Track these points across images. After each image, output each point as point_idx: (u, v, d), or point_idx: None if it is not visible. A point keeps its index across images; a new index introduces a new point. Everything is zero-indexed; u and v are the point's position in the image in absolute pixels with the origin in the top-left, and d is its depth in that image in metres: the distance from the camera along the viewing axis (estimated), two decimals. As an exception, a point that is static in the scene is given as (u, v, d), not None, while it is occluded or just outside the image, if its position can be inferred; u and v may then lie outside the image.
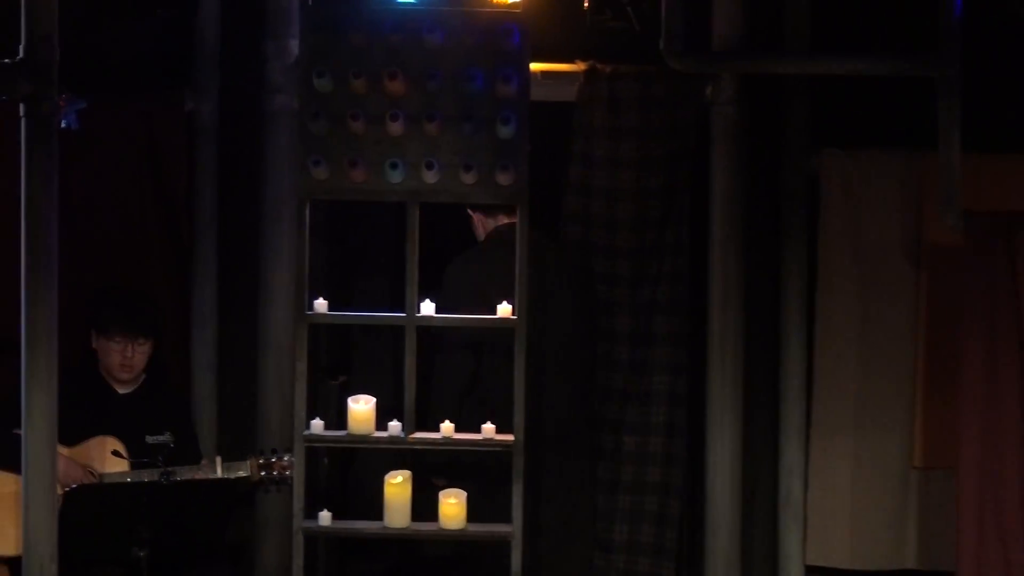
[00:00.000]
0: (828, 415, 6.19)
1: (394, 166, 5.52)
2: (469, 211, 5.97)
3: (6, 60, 5.03)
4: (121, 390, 5.88)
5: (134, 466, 5.62)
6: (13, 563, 5.45)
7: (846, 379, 6.18)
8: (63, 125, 5.31)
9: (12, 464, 5.19)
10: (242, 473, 5.70)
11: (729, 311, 6.05)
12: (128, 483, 5.62)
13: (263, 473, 5.70)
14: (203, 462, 5.75)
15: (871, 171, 6.17)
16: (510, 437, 5.61)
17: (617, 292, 6.26)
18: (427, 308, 5.62)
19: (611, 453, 6.28)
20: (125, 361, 5.80)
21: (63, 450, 5.45)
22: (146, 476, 5.58)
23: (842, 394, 6.19)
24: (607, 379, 6.28)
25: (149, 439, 5.71)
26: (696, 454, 6.26)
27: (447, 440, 5.62)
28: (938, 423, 6.11)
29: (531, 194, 5.50)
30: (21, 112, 5.09)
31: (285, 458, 5.70)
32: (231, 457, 5.74)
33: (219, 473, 5.68)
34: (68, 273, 5.25)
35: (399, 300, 5.63)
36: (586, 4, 6.06)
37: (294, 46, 5.96)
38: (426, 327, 5.62)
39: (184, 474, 5.63)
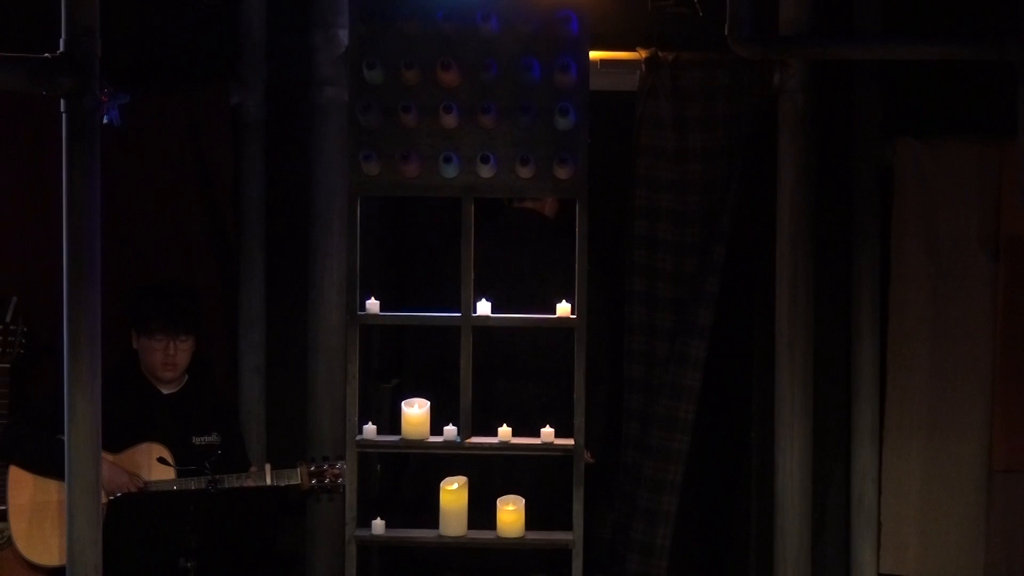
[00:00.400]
0: (903, 416, 5.98)
1: (448, 160, 5.39)
2: None
3: (46, 54, 4.90)
4: (165, 390, 5.74)
5: (181, 473, 5.48)
6: (57, 573, 5.34)
7: (921, 378, 5.97)
8: (105, 121, 5.15)
9: (56, 472, 5.05)
10: (293, 481, 5.56)
11: (798, 308, 5.84)
12: (175, 491, 5.47)
13: (314, 481, 5.56)
14: (252, 469, 5.61)
15: (947, 160, 5.94)
16: (570, 441, 5.47)
17: (684, 289, 6.01)
18: (483, 308, 5.48)
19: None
20: (168, 360, 5.66)
21: (108, 456, 5.32)
22: (193, 484, 5.44)
23: (917, 393, 5.98)
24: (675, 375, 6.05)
25: (195, 440, 5.60)
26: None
27: (504, 444, 5.49)
28: (1019, 423, 5.89)
29: (590, 187, 5.36)
30: (62, 108, 4.95)
31: (337, 465, 5.55)
32: (281, 464, 5.60)
33: (269, 481, 5.54)
34: (110, 273, 5.11)
35: (454, 299, 5.49)
36: (647, -11, 5.89)
37: (343, 36, 5.80)
38: (482, 327, 5.49)
39: (232, 482, 5.49)
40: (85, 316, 4.80)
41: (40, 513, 5.57)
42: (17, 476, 5.58)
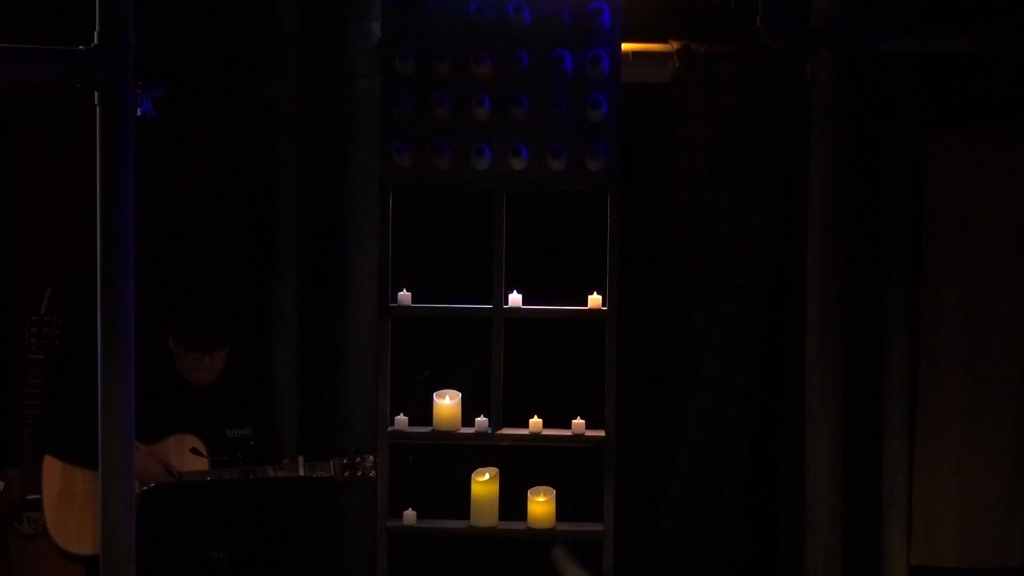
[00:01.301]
0: (934, 408, 5.95)
1: (480, 152, 5.46)
2: None
3: (80, 47, 4.92)
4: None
5: (214, 464, 5.51)
6: (91, 563, 5.38)
7: (954, 370, 5.94)
8: (139, 113, 5.17)
9: (91, 462, 5.09)
10: (325, 473, 5.58)
11: (829, 303, 5.81)
12: (208, 482, 5.50)
13: (346, 474, 5.58)
14: (284, 461, 5.63)
15: (981, 153, 5.91)
16: (601, 432, 5.50)
17: (723, 285, 5.96)
18: (514, 300, 5.52)
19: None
20: (202, 371, 5.68)
21: (141, 447, 5.35)
22: (226, 475, 5.47)
23: (949, 386, 5.95)
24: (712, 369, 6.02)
25: (229, 433, 5.62)
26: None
27: (535, 436, 5.55)
28: (1052, 416, 5.88)
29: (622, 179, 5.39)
30: (96, 100, 4.98)
31: (369, 459, 5.58)
32: (313, 455, 5.62)
33: (301, 472, 5.56)
34: (143, 266, 5.14)
35: (486, 291, 5.57)
36: (679, -20, 5.88)
37: (376, 28, 5.81)
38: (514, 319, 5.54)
39: (265, 473, 5.52)
40: (119, 308, 4.83)
41: (73, 502, 5.61)
42: (51, 466, 5.62)
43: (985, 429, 5.96)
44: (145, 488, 5.48)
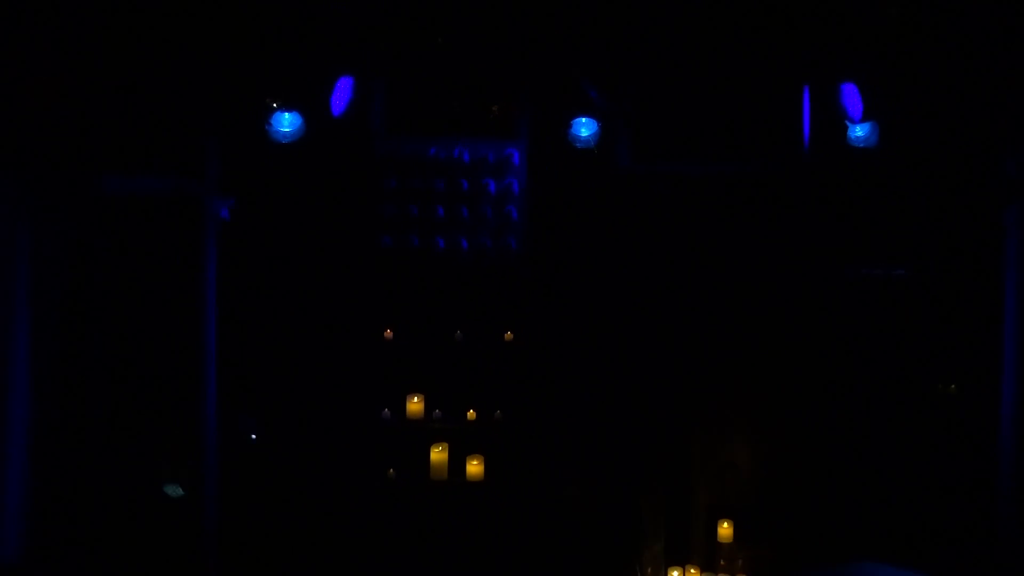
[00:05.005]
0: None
1: (438, 242, 8.15)
2: None
3: (183, 174, 7.45)
4: None
5: None
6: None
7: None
8: (219, 217, 7.74)
9: None
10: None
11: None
12: None
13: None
14: None
15: None
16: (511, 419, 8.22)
17: None
18: (459, 336, 8.25)
19: None
20: None
21: None
22: None
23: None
24: None
25: None
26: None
27: (471, 422, 8.22)
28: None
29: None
30: (188, 210, 7.50)
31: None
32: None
33: None
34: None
35: (440, 330, 8.21)
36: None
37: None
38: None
39: None
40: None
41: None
42: None
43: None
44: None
